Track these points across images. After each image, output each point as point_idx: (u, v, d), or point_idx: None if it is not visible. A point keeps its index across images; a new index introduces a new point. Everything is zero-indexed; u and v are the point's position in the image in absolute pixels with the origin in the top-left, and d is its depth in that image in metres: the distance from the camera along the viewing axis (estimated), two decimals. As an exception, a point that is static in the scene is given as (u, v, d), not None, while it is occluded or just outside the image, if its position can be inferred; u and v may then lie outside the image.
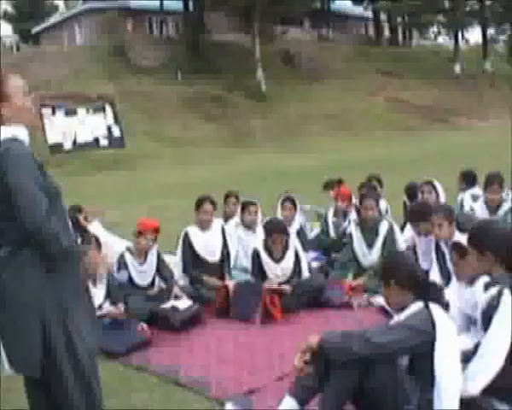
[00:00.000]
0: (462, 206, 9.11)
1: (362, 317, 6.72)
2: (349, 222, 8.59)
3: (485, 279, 4.62)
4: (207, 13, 45.36)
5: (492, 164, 12.10)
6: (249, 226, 8.40)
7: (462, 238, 5.49)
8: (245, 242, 8.27)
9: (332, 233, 9.11)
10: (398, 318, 4.26)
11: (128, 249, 7.37)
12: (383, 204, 9.57)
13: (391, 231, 7.92)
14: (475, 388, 4.15)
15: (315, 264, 8.39)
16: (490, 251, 4.37)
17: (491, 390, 4.17)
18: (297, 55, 45.29)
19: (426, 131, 33.76)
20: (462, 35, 62.39)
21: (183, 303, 6.91)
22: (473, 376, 4.18)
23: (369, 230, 7.95)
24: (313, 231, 9.66)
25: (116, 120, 11.22)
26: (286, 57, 45.28)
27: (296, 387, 4.18)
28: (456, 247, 5.56)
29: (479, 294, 4.60)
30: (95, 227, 8.37)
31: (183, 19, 47.75)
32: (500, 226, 4.79)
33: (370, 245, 7.85)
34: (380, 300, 6.54)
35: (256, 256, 7.50)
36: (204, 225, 7.87)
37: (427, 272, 6.56)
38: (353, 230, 8.07)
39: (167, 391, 5.16)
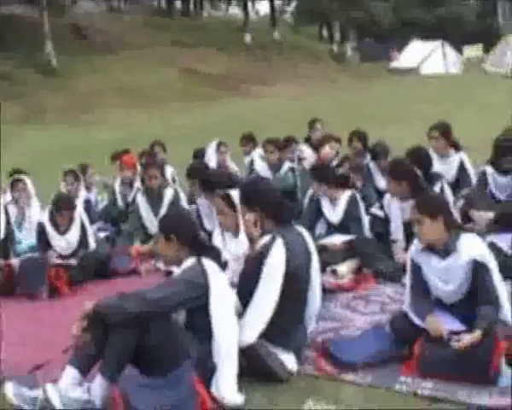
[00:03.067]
0: (251, 167, 9.39)
1: (150, 282, 6.70)
2: (137, 191, 8.60)
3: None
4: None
5: (282, 128, 12.63)
6: (23, 202, 8.18)
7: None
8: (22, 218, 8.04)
9: (120, 203, 9.07)
10: (175, 273, 4.37)
11: None
12: (169, 170, 9.70)
13: (176, 196, 8.09)
14: (251, 336, 4.34)
15: (102, 235, 8.37)
16: (258, 207, 4.57)
17: (266, 336, 4.38)
18: (88, 28, 44.09)
19: (219, 99, 34.23)
20: (253, 6, 63.95)
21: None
22: (248, 325, 4.38)
23: (154, 197, 8.07)
24: (103, 202, 9.60)
25: None
26: (76, 30, 43.95)
27: (76, 356, 4.13)
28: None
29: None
30: None
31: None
32: (267, 183, 5.01)
33: (156, 212, 7.95)
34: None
35: (41, 229, 7.39)
36: (-15, 204, 7.61)
37: (210, 234, 6.74)
38: (139, 198, 8.13)
39: None
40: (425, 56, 50.16)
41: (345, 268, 6.34)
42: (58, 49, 37.07)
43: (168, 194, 8.10)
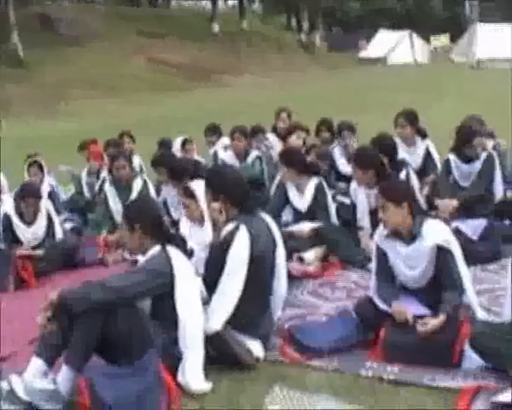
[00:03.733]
0: (216, 158, 9.36)
1: (117, 272, 6.71)
2: (103, 181, 8.56)
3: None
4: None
5: (250, 117, 12.63)
6: None
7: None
8: None
9: (87, 193, 9.04)
10: (140, 262, 4.37)
11: None
12: (137, 160, 9.65)
13: (145, 187, 8.07)
14: (217, 323, 4.35)
15: (68, 225, 8.31)
16: (223, 194, 4.58)
17: (233, 324, 4.39)
18: (56, 19, 43.57)
19: (188, 90, 34.14)
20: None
21: None
22: (214, 312, 4.38)
23: (122, 187, 8.03)
24: (69, 192, 9.54)
25: None
26: (43, 20, 43.45)
27: (42, 346, 4.10)
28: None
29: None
30: None
31: None
32: (232, 171, 5.01)
33: (125, 202, 7.88)
34: (134, 253, 6.59)
35: (6, 220, 7.31)
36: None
37: (177, 222, 6.73)
38: (107, 188, 8.09)
39: None
40: (393, 46, 50.47)
41: (312, 255, 6.36)
42: (25, 40, 36.58)
43: (137, 184, 8.06)
